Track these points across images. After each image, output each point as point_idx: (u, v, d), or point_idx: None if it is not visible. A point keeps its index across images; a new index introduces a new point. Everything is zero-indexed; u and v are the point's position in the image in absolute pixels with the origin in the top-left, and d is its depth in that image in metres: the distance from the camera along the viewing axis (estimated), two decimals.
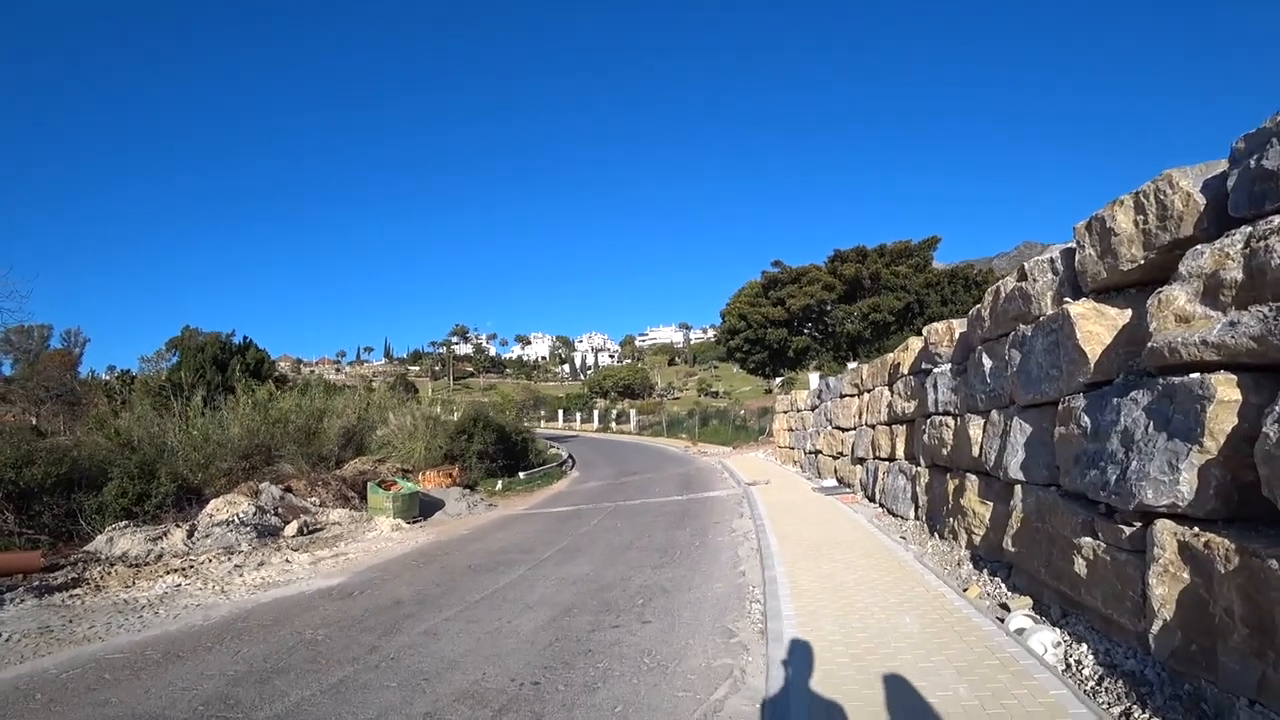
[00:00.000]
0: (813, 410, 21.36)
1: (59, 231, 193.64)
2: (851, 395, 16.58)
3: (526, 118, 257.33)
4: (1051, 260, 6.41)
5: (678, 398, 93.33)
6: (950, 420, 9.35)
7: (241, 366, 51.86)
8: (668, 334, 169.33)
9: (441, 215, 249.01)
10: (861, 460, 15.10)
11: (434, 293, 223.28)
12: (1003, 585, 6.90)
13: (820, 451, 19.06)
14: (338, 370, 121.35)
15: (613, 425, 67.14)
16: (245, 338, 59.42)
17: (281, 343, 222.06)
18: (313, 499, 20.63)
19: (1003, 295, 7.36)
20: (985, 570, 7.42)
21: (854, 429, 16.20)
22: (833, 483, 17.02)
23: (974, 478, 8.20)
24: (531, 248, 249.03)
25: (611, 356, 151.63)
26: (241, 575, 12.55)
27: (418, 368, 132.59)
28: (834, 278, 42.45)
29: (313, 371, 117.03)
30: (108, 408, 26.86)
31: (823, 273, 43.82)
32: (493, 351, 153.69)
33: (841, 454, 17.08)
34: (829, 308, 44.02)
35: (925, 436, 10.30)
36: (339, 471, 24.71)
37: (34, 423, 29.82)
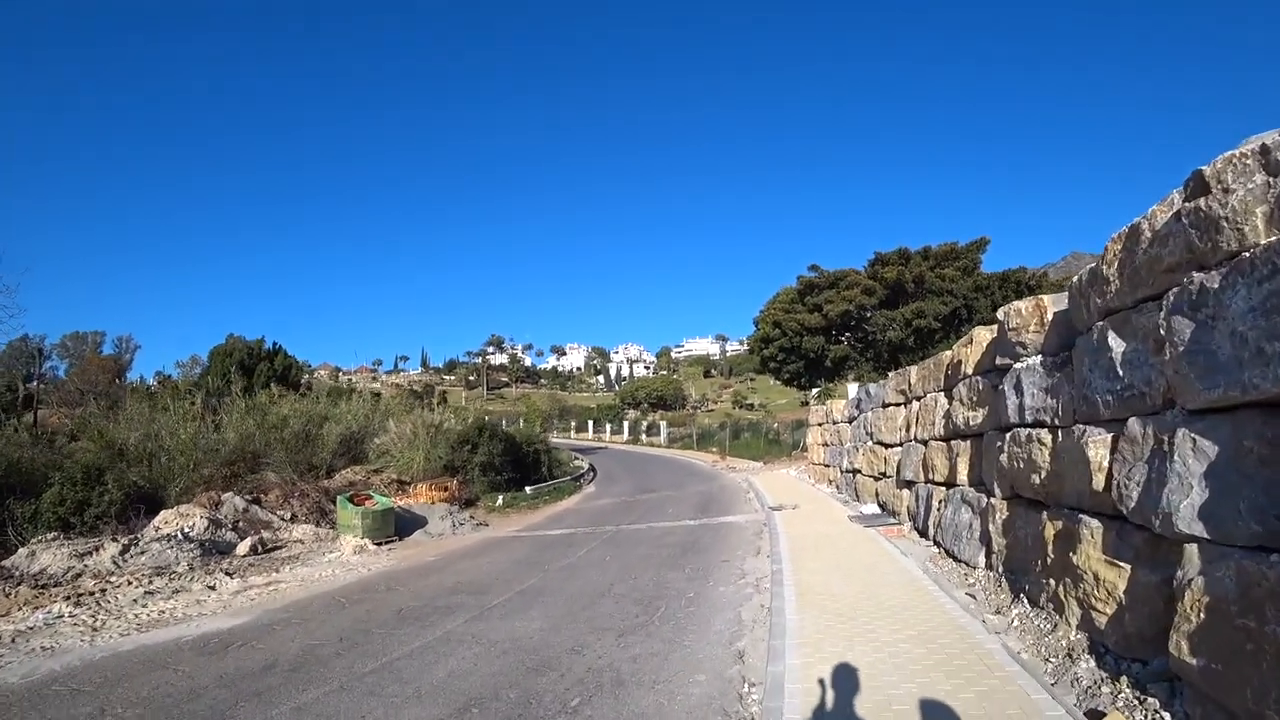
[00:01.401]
0: (850, 422, 18.43)
1: (118, 242, 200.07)
2: (897, 404, 13.68)
3: (564, 128, 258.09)
4: (1264, 151, 3.62)
5: (711, 410, 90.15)
6: (1044, 435, 6.51)
7: (269, 372, 50.88)
8: (704, 346, 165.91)
9: (478, 225, 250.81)
10: (909, 484, 12.18)
11: (471, 303, 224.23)
12: (1166, 716, 4.06)
13: (859, 471, 16.12)
14: (374, 379, 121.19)
15: (643, 437, 64.47)
16: (275, 344, 58.53)
17: (322, 351, 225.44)
18: (284, 512, 18.48)
19: (1149, 233, 4.56)
20: (1125, 677, 4.57)
21: (899, 445, 13.29)
22: (873, 509, 14.09)
23: (1094, 523, 5.36)
24: (568, 259, 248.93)
25: (647, 368, 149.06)
26: (145, 606, 10.50)
27: (453, 377, 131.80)
28: (874, 281, 39.15)
29: (350, 380, 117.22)
30: (112, 409, 25.27)
31: (862, 276, 40.55)
32: (528, 362, 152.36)
33: (884, 474, 14.15)
34: (869, 314, 40.68)
35: (1003, 457, 7.45)
36: (327, 481, 22.62)
37: (32, 422, 28.56)
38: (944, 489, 10.34)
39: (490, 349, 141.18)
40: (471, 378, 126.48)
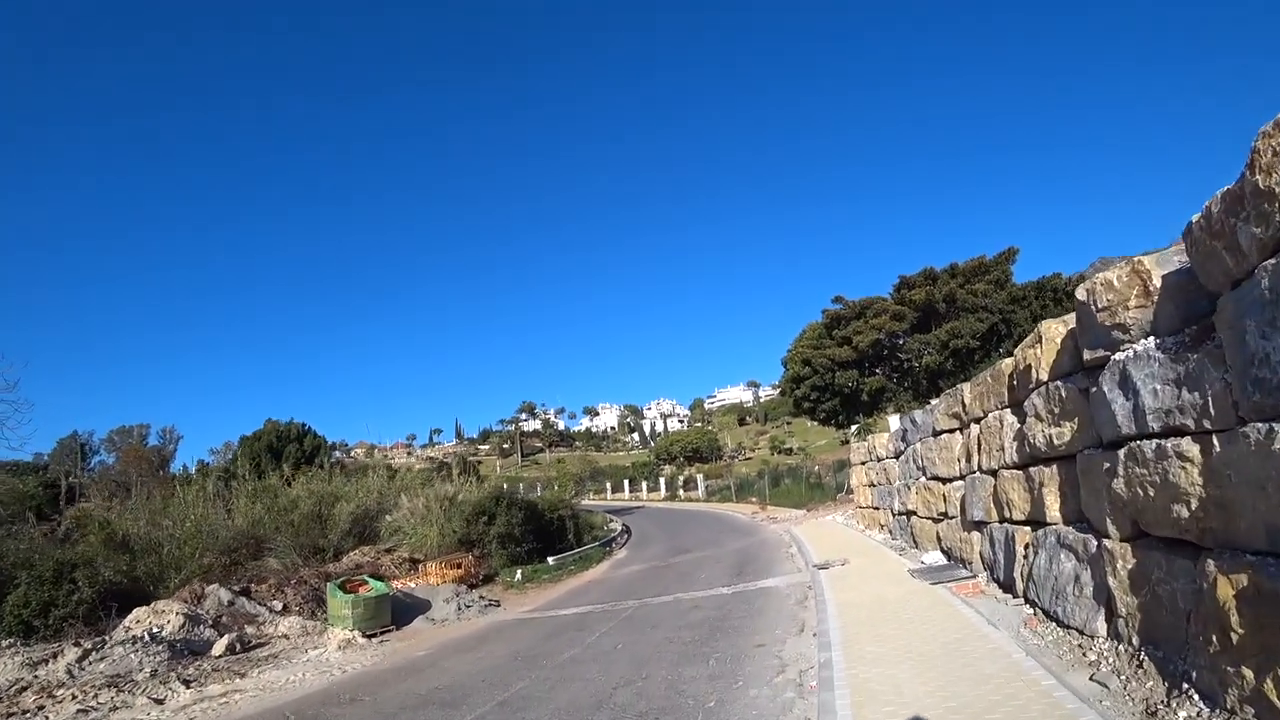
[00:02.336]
0: (897, 458, 16.19)
1: (162, 335, 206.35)
2: (950, 430, 11.56)
3: (579, 187, 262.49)
4: None
5: (749, 458, 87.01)
6: (1188, 446, 4.49)
7: (298, 453, 49.96)
8: (736, 394, 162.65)
9: (504, 293, 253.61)
10: (979, 525, 9.97)
11: (502, 372, 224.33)
12: None
13: (914, 512, 13.85)
14: (409, 453, 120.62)
15: (680, 493, 61.79)
16: (303, 425, 58.02)
17: (359, 430, 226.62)
18: (276, 602, 16.70)
19: None
20: None
21: (960, 478, 11.12)
22: (937, 558, 11.80)
23: None
24: (594, 320, 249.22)
25: (680, 421, 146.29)
26: None
27: (487, 446, 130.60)
28: (902, 306, 36.98)
29: (386, 456, 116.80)
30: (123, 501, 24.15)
31: (889, 303, 38.45)
32: (561, 425, 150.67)
33: (945, 515, 11.91)
34: (901, 340, 38.39)
35: (1117, 483, 5.39)
36: (334, 565, 20.86)
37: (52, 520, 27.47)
38: (1027, 529, 8.17)
39: (523, 415, 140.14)
40: (505, 446, 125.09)
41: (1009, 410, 8.82)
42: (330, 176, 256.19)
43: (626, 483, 71.08)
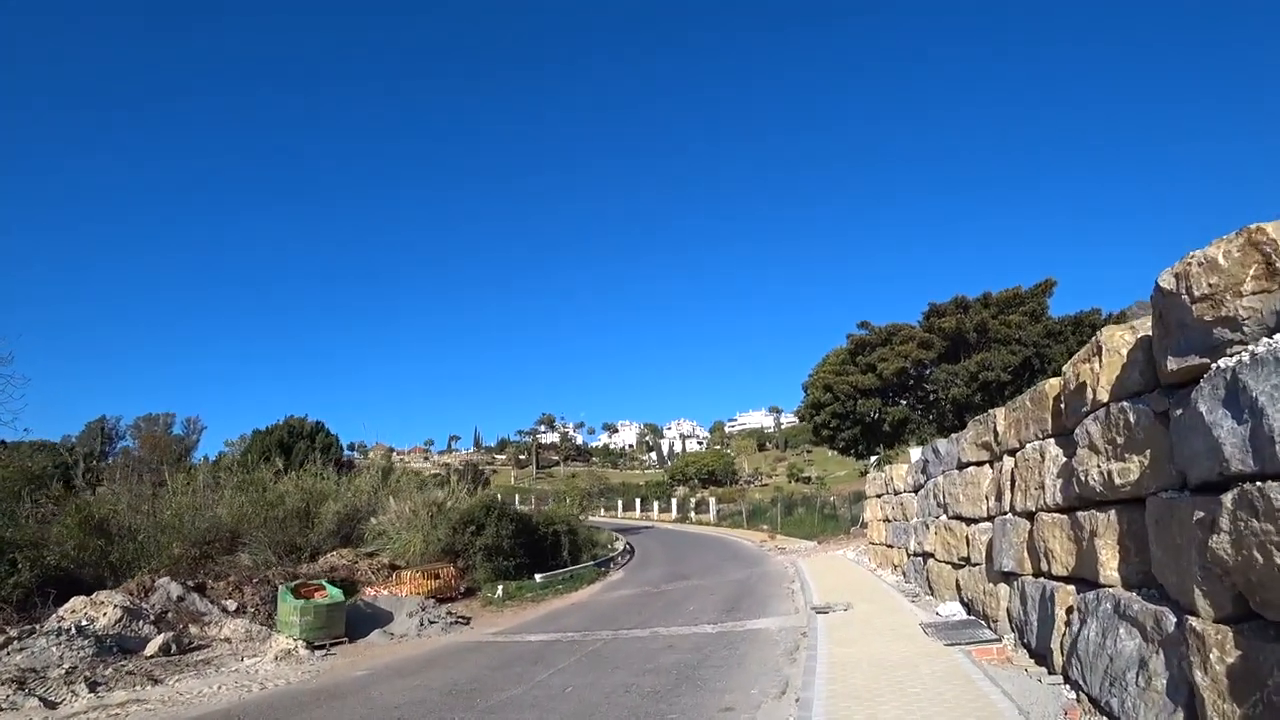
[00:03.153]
0: (915, 492, 14.49)
1: (194, 329, 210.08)
2: (979, 463, 9.92)
3: (610, 203, 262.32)
4: None
5: (765, 484, 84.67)
6: None
7: (308, 450, 49.24)
8: (758, 418, 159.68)
9: (530, 301, 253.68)
10: (1010, 576, 8.30)
11: (524, 383, 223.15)
12: None
13: (931, 554, 12.13)
14: (425, 458, 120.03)
15: (691, 515, 59.87)
16: (317, 423, 57.55)
17: (378, 432, 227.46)
18: (230, 601, 15.44)
19: None
20: None
21: (988, 519, 9.47)
22: (955, 611, 10.09)
23: None
24: (619, 336, 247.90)
25: (700, 443, 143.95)
26: None
27: (504, 456, 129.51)
28: (931, 334, 35.06)
29: (403, 460, 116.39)
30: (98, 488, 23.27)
31: (917, 330, 36.56)
32: (579, 440, 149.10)
33: (967, 560, 10.23)
34: (928, 370, 36.40)
35: (1221, 540, 3.80)
36: (310, 565, 19.59)
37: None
38: (1071, 589, 6.54)
39: (541, 427, 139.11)
40: (522, 456, 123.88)
41: (1053, 440, 7.22)
42: (369, 171, 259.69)
43: (638, 501, 69.32)
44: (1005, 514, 8.63)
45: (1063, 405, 6.91)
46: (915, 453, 17.18)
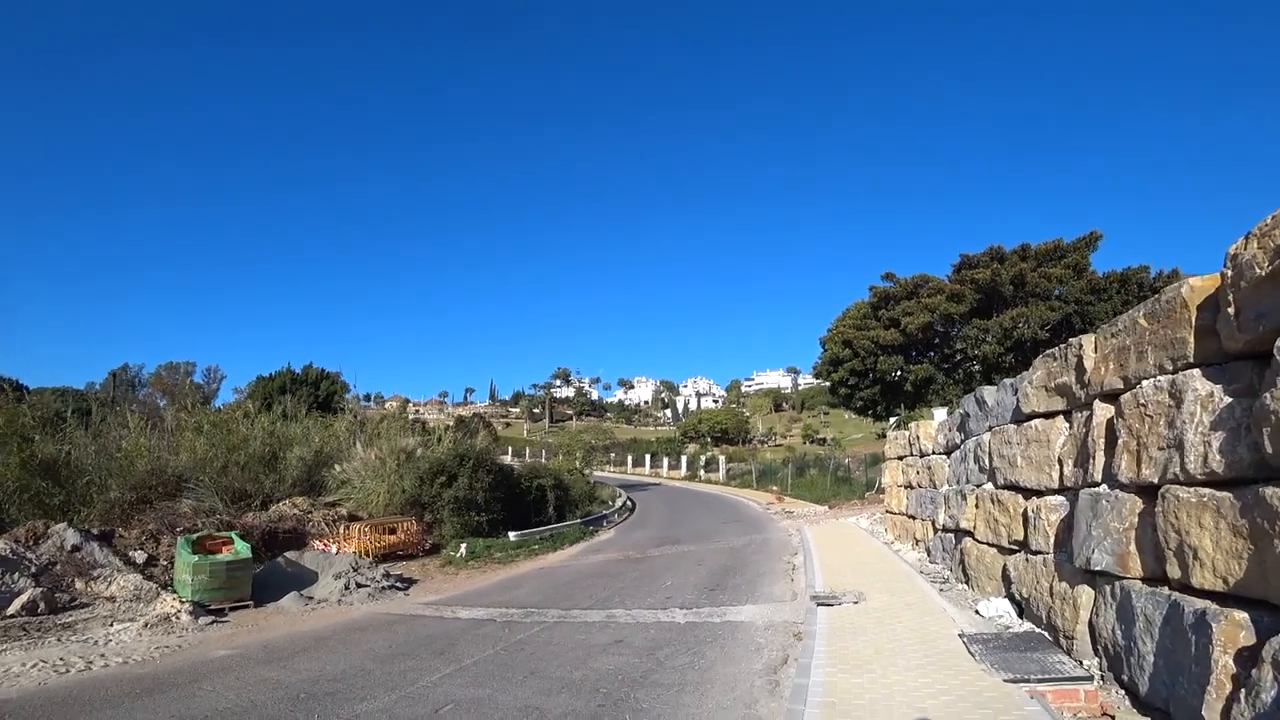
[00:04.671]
0: (948, 454, 11.73)
1: (222, 281, 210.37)
2: (1049, 415, 7.12)
3: (631, 159, 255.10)
4: None
5: (779, 444, 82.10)
6: None
7: (311, 396, 47.48)
8: (775, 378, 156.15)
9: (548, 255, 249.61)
10: (1100, 577, 5.55)
11: (541, 337, 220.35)
12: None
13: (969, 533, 9.41)
14: (440, 410, 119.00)
15: (701, 473, 57.62)
16: (322, 370, 55.76)
17: (395, 383, 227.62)
18: (140, 553, 13.24)
19: None
20: None
21: (1058, 492, 6.73)
22: (1003, 611, 7.41)
23: None
24: (638, 291, 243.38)
25: (716, 402, 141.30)
26: None
27: (518, 409, 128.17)
28: (963, 285, 31.69)
29: (418, 411, 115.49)
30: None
31: (946, 283, 33.23)
32: (595, 395, 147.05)
33: (1023, 545, 7.51)
34: (957, 327, 33.18)
35: None
36: (254, 515, 17.42)
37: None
38: (1241, 615, 3.81)
39: (557, 382, 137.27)
40: (536, 410, 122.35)
41: (1198, 372, 4.41)
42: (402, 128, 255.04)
43: (648, 458, 67.21)
44: (1095, 485, 5.86)
45: (1229, 308, 4.06)
46: (940, 413, 14.38)
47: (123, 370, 67.82)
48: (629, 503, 33.19)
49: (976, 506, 9.08)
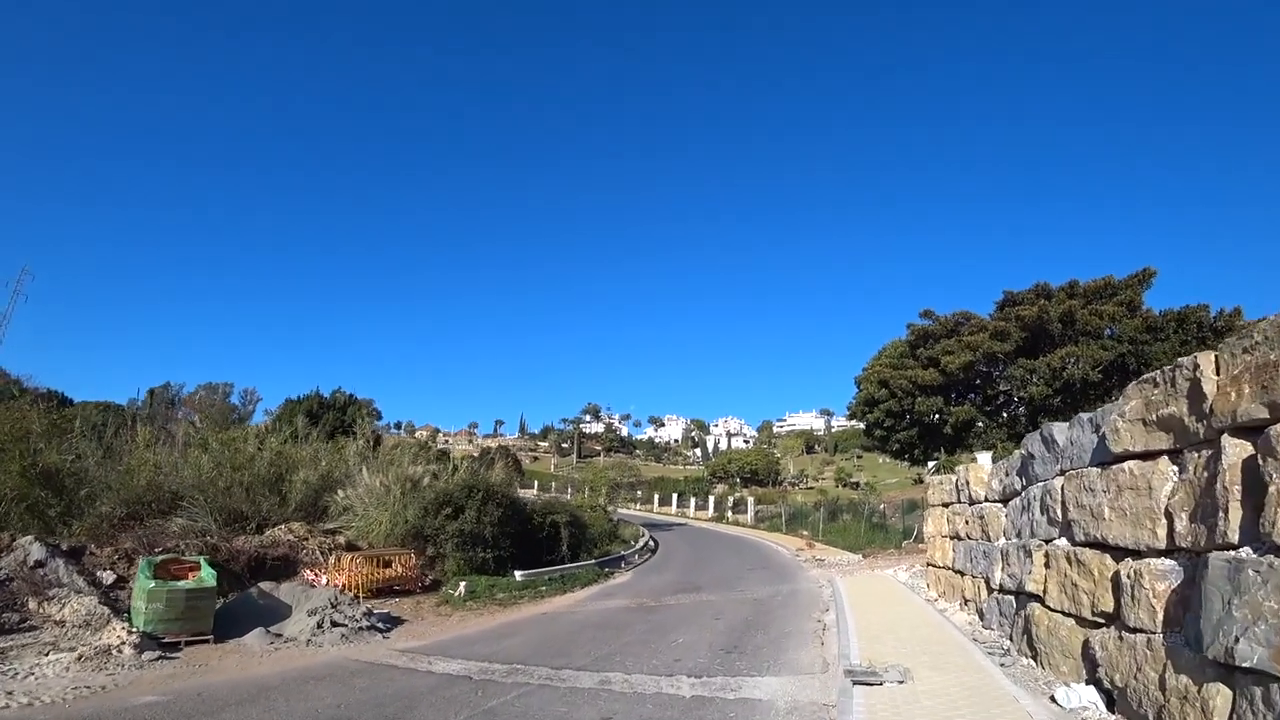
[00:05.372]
0: (1004, 502, 10.15)
1: (260, 309, 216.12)
2: (1149, 454, 5.66)
3: (661, 194, 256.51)
4: None
5: (810, 487, 79.34)
6: None
7: (336, 421, 47.22)
8: (808, 420, 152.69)
9: (583, 288, 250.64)
10: (1254, 678, 4.03)
11: (573, 372, 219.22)
12: None
13: (1037, 597, 7.82)
14: (470, 440, 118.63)
15: (728, 514, 55.48)
16: (350, 395, 55.78)
17: (428, 414, 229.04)
18: (109, 573, 12.19)
19: None
20: None
21: (1165, 553, 5.25)
22: (1090, 701, 5.87)
23: None
24: (671, 329, 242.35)
25: (747, 442, 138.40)
26: None
27: (546, 443, 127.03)
28: (1007, 323, 29.83)
29: (448, 440, 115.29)
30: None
31: (989, 321, 31.42)
32: (624, 432, 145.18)
33: (1113, 617, 5.98)
34: (1000, 367, 31.23)
35: None
36: (246, 539, 16.35)
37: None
38: None
39: (586, 417, 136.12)
40: (565, 445, 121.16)
41: None
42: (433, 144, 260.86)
43: (675, 497, 65.24)
44: (1229, 548, 4.40)
45: None
46: (984, 457, 12.79)
47: (164, 388, 68.74)
48: (651, 543, 31.56)
49: (1047, 566, 7.51)
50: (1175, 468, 5.41)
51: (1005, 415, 32.58)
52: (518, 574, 17.18)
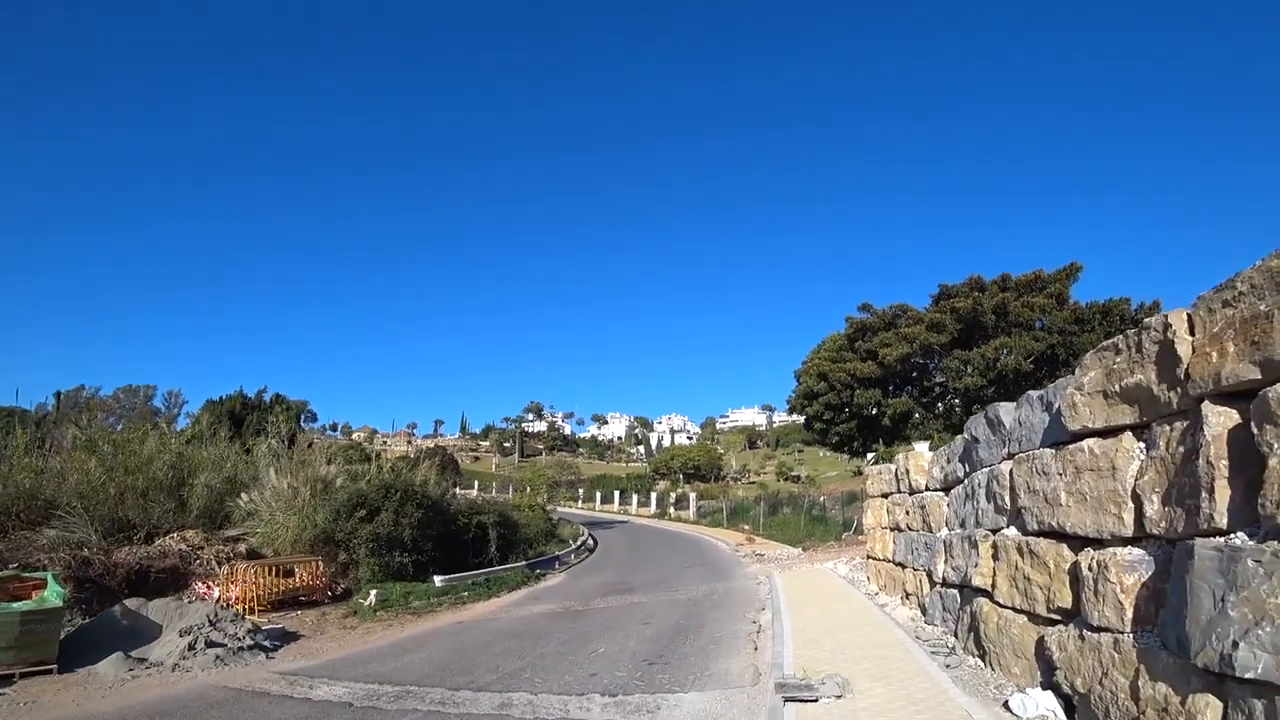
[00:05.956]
0: (945, 490, 9.58)
1: (188, 304, 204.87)
2: (1110, 431, 5.00)
3: (603, 193, 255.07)
4: None
5: (752, 481, 79.63)
6: None
7: (260, 422, 44.43)
8: (750, 416, 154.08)
9: (524, 286, 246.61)
10: (1272, 691, 3.31)
11: (515, 371, 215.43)
12: None
13: (985, 591, 7.18)
14: (409, 442, 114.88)
15: (670, 511, 54.89)
16: (276, 395, 52.66)
17: (364, 415, 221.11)
18: None
19: None
20: None
21: (1130, 541, 4.57)
22: (1049, 711, 5.18)
23: None
24: (612, 327, 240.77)
25: (690, 438, 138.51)
26: None
27: (488, 443, 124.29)
28: (943, 314, 30.06)
29: (386, 442, 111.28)
30: None
31: (926, 313, 31.65)
32: (568, 430, 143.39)
33: (1072, 614, 5.31)
34: (936, 360, 31.50)
35: None
36: (130, 550, 14.65)
37: None
38: None
39: (529, 416, 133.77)
40: (506, 444, 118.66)
41: None
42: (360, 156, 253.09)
43: (617, 494, 64.33)
44: (1215, 533, 3.72)
45: None
46: (922, 446, 12.31)
47: (76, 391, 63.84)
48: (590, 541, 30.57)
49: (995, 558, 6.87)
50: (1142, 444, 4.76)
51: (941, 407, 32.90)
52: (438, 579, 15.92)
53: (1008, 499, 6.81)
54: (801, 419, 42.72)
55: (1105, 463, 5.00)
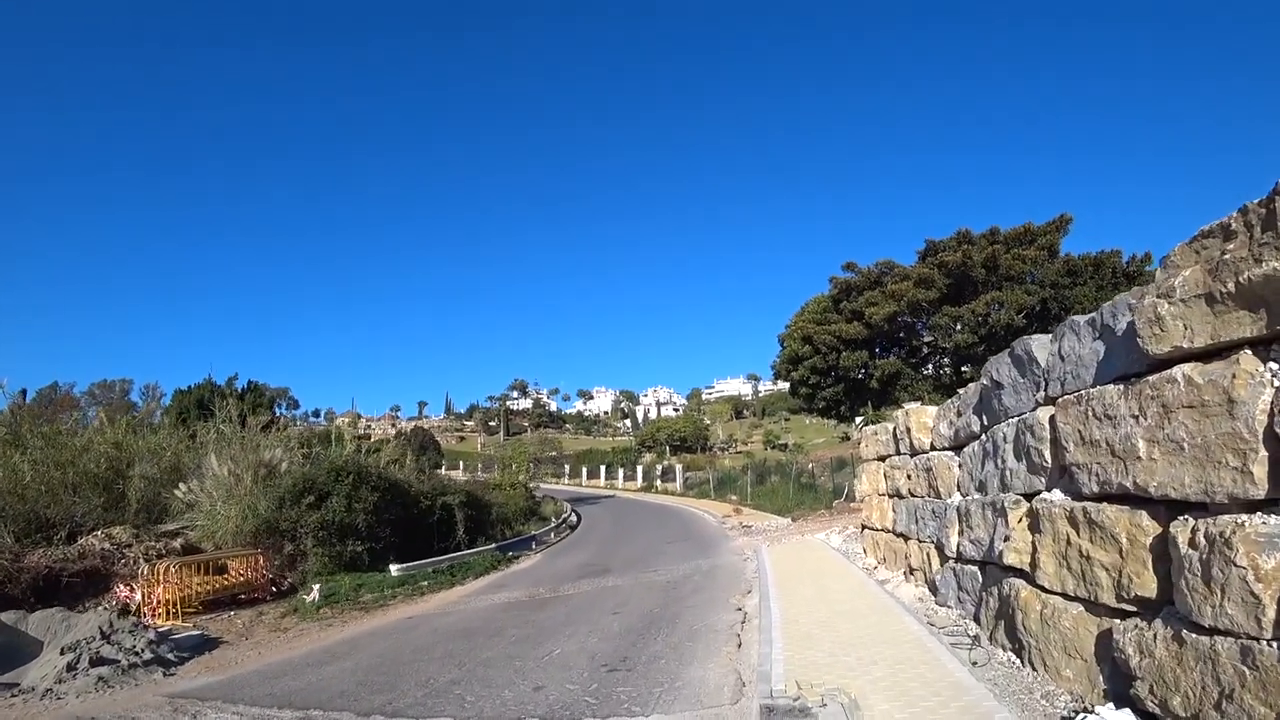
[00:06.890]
0: (956, 450, 8.12)
1: (165, 298, 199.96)
2: (1224, 348, 3.45)
3: (583, 163, 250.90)
4: None
5: (740, 451, 78.75)
6: None
7: (235, 411, 42.54)
8: (736, 386, 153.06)
9: (506, 264, 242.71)
10: None
11: (499, 348, 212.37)
12: None
13: (1021, 572, 5.75)
14: (393, 425, 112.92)
15: (657, 483, 53.81)
16: (250, 382, 50.71)
17: (347, 399, 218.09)
18: None
19: None
20: None
21: (1273, 504, 3.05)
22: None
23: None
24: (596, 300, 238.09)
25: (676, 411, 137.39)
26: None
27: (473, 422, 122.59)
28: (931, 270, 28.56)
29: (369, 426, 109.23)
30: None
31: (913, 269, 30.16)
32: (553, 407, 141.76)
33: (1149, 607, 3.84)
34: (925, 318, 30.10)
35: None
36: (46, 551, 13.05)
37: None
38: None
39: (514, 394, 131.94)
40: (492, 423, 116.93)
41: None
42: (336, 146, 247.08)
43: (603, 469, 63.14)
44: None
45: None
46: (913, 407, 10.87)
47: (51, 388, 61.48)
48: (573, 519, 29.29)
49: (1035, 530, 5.41)
50: (1275, 365, 3.27)
51: (931, 366, 31.71)
52: (394, 569, 14.43)
53: (1048, 454, 5.35)
54: (787, 385, 41.33)
55: (1215, 395, 3.51)
